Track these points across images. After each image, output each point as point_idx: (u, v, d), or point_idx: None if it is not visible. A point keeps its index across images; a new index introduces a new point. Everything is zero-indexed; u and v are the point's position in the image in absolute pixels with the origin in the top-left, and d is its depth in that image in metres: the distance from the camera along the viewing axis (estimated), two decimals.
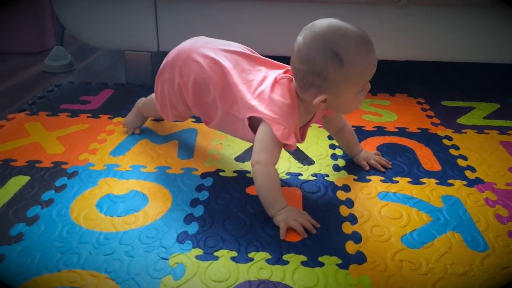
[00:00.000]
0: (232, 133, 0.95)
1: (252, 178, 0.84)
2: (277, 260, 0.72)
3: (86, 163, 1.00)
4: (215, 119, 0.93)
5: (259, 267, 0.71)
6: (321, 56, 0.76)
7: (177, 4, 1.39)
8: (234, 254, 0.73)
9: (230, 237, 0.77)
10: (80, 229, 0.79)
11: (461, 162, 1.03)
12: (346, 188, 0.93)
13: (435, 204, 0.87)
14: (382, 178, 0.96)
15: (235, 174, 0.97)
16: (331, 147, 1.09)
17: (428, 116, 1.29)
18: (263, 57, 0.93)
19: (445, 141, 1.13)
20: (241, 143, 1.10)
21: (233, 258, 0.72)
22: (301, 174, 0.97)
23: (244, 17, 1.39)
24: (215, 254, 0.73)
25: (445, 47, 1.40)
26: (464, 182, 0.95)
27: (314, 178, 0.96)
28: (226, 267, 0.70)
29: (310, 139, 1.12)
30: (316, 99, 0.79)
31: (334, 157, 1.05)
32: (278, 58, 0.93)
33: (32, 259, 0.71)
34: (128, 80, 1.54)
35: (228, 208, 0.85)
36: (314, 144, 1.10)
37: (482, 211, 0.85)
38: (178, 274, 0.69)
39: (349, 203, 0.87)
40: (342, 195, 0.90)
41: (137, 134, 1.14)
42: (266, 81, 0.86)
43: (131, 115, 1.16)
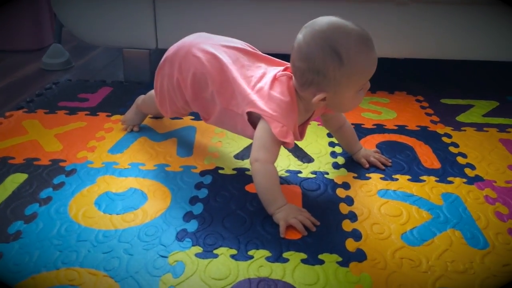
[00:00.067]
0: (231, 129, 0.94)
1: (252, 176, 0.84)
2: (277, 258, 0.72)
3: (85, 161, 1.00)
4: (214, 115, 0.93)
5: (259, 265, 0.70)
6: (321, 54, 0.76)
7: (176, 1, 1.38)
8: (234, 252, 0.73)
9: (230, 235, 0.77)
10: (79, 227, 0.78)
11: (461, 160, 1.03)
12: (346, 186, 0.92)
13: (435, 202, 0.87)
14: (382, 176, 0.96)
15: (235, 172, 0.97)
16: (331, 145, 1.09)
17: (427, 114, 1.29)
18: (263, 54, 0.92)
19: (445, 139, 1.13)
20: (240, 141, 1.09)
21: (233, 256, 0.72)
22: (301, 172, 0.97)
23: (243, 14, 1.38)
24: (215, 252, 0.73)
25: (444, 45, 1.39)
26: (464, 180, 0.95)
27: (314, 176, 0.96)
28: (226, 265, 0.70)
29: (310, 137, 1.11)
30: (315, 98, 0.79)
31: (334, 155, 1.04)
32: (278, 56, 0.93)
33: (30, 257, 0.71)
34: (127, 78, 1.53)
35: (228, 206, 0.85)
36: (314, 142, 1.10)
37: (482, 209, 0.85)
38: (178, 272, 0.68)
39: (349, 201, 0.87)
40: (342, 193, 0.90)
41: (136, 132, 1.14)
42: (265, 78, 0.85)
43: (130, 112, 1.16)
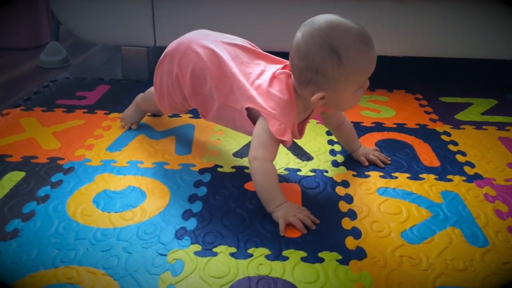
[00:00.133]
0: (230, 126, 0.94)
1: (250, 174, 0.83)
2: (277, 256, 0.71)
3: (83, 159, 0.99)
4: (212, 111, 0.92)
5: (259, 263, 0.70)
6: (320, 53, 0.75)
7: None
8: (233, 250, 0.73)
9: (229, 233, 0.76)
10: (77, 225, 0.78)
11: (460, 158, 1.03)
12: (345, 184, 0.92)
13: (435, 200, 0.87)
14: (381, 174, 0.96)
15: (234, 170, 0.96)
16: (330, 143, 1.09)
17: (426, 112, 1.29)
18: (263, 52, 0.92)
19: (444, 137, 1.13)
20: (239, 139, 1.09)
21: (232, 254, 0.72)
22: (300, 170, 0.97)
23: (242, 12, 1.38)
24: (214, 250, 0.72)
25: (443, 43, 1.39)
26: (463, 178, 0.94)
27: (313, 174, 0.95)
28: (225, 263, 0.70)
29: (309, 135, 1.11)
30: (314, 96, 0.79)
31: (333, 153, 1.04)
32: (277, 54, 0.92)
33: (28, 255, 0.70)
34: (125, 76, 1.53)
35: (227, 204, 0.85)
36: (313, 140, 1.10)
37: (482, 207, 0.85)
38: (177, 270, 0.68)
39: (348, 199, 0.87)
40: (341, 191, 0.90)
41: (134, 130, 1.13)
42: (264, 75, 0.85)
43: (130, 110, 1.15)
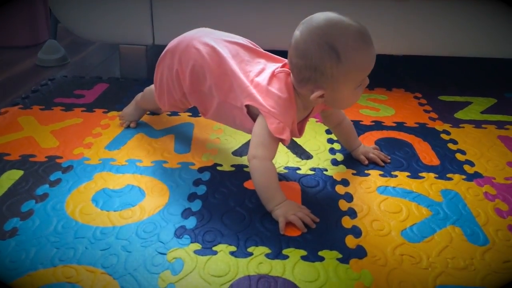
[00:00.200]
0: (230, 123, 0.94)
1: (250, 173, 0.83)
2: (277, 255, 0.71)
3: (81, 157, 0.99)
4: (212, 109, 0.92)
5: (259, 262, 0.70)
6: (318, 51, 0.75)
7: None
8: (233, 249, 0.72)
9: (229, 232, 0.76)
10: (76, 224, 0.77)
11: (460, 157, 1.03)
12: (345, 183, 0.92)
13: (435, 198, 0.87)
14: (381, 173, 0.95)
15: (233, 169, 0.96)
16: (329, 142, 1.08)
17: (426, 111, 1.29)
18: (264, 51, 0.91)
19: (443, 136, 1.13)
20: (239, 137, 1.08)
21: (232, 253, 0.71)
22: (300, 169, 0.97)
23: (241, 10, 1.37)
24: (214, 249, 0.72)
25: (442, 42, 1.39)
26: (463, 176, 0.94)
27: (313, 173, 0.95)
28: (225, 262, 0.69)
29: (308, 134, 1.11)
30: (313, 95, 0.78)
31: (332, 152, 1.04)
32: (276, 53, 0.92)
33: (27, 254, 0.70)
34: (123, 74, 1.52)
35: (226, 203, 0.84)
36: (312, 139, 1.10)
37: (482, 205, 0.85)
38: (177, 269, 0.68)
39: (348, 197, 0.87)
40: (341, 189, 0.89)
41: (133, 128, 1.13)
42: (264, 74, 0.85)
43: (129, 108, 1.15)
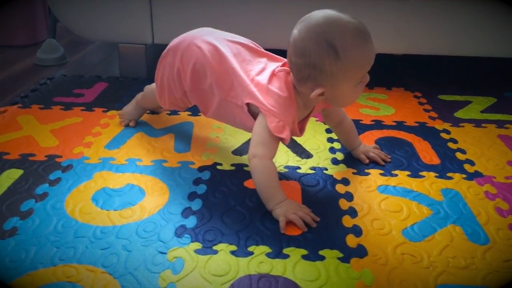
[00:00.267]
0: (231, 122, 0.94)
1: (250, 172, 0.83)
2: (277, 254, 0.71)
3: (81, 157, 0.98)
4: (212, 108, 0.92)
5: (259, 261, 0.69)
6: (317, 49, 0.75)
7: None
8: (234, 248, 0.72)
9: (229, 231, 0.76)
10: (76, 223, 0.77)
11: (460, 156, 1.03)
12: (345, 182, 0.92)
13: (435, 198, 0.87)
14: (381, 172, 0.95)
15: (233, 168, 0.96)
16: (329, 141, 1.08)
17: (426, 110, 1.28)
18: (266, 51, 0.91)
19: (443, 135, 1.13)
20: (239, 136, 1.08)
21: (233, 252, 0.71)
22: (300, 168, 0.96)
23: (241, 9, 1.37)
24: (214, 248, 0.72)
25: (442, 41, 1.39)
26: (464, 176, 0.94)
27: (313, 172, 0.95)
28: (226, 261, 0.69)
29: (308, 133, 1.10)
30: (313, 93, 0.78)
31: (333, 151, 1.04)
32: (276, 52, 0.92)
33: (27, 254, 0.69)
34: (122, 73, 1.52)
35: (227, 202, 0.84)
36: (312, 138, 1.09)
37: (482, 204, 0.85)
38: (177, 269, 0.67)
39: (349, 197, 0.87)
40: (342, 189, 0.89)
41: (132, 127, 1.12)
42: (265, 73, 0.85)
43: (129, 107, 1.15)
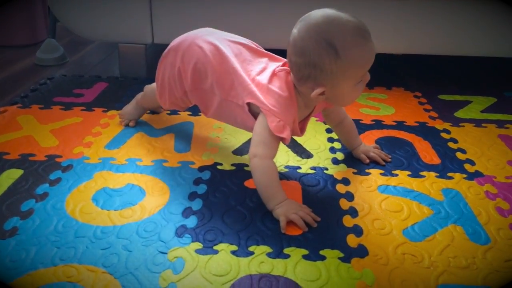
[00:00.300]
0: (232, 122, 0.93)
1: (250, 172, 0.83)
2: (278, 254, 0.71)
3: (81, 156, 0.98)
4: (213, 107, 0.92)
5: (260, 261, 0.69)
6: (316, 48, 0.75)
7: None
8: (234, 248, 0.72)
9: (230, 231, 0.76)
10: (76, 223, 0.77)
11: (460, 155, 1.02)
12: (346, 181, 0.92)
13: (436, 197, 0.87)
14: (382, 171, 0.95)
15: (233, 168, 0.96)
16: (329, 140, 1.08)
17: (426, 110, 1.28)
18: (267, 51, 0.91)
19: (444, 135, 1.13)
20: (239, 136, 1.08)
21: (233, 252, 0.71)
22: (300, 168, 0.96)
23: (240, 9, 1.37)
24: (215, 248, 0.72)
25: (442, 41, 1.39)
26: (464, 175, 0.94)
27: (313, 172, 0.95)
28: (227, 261, 0.69)
29: (308, 133, 1.10)
30: (314, 92, 0.78)
31: (333, 150, 1.04)
32: (276, 52, 0.92)
33: (27, 254, 0.69)
34: (122, 73, 1.52)
35: (227, 202, 0.84)
36: (312, 138, 1.09)
37: (483, 204, 0.85)
38: (178, 269, 0.67)
39: (349, 196, 0.86)
40: (342, 188, 0.89)
41: (132, 127, 1.12)
42: (265, 72, 0.85)
43: (129, 107, 1.15)
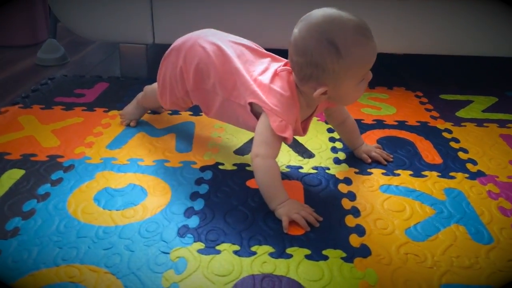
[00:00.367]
0: (234, 122, 0.93)
1: (252, 171, 0.83)
2: (281, 254, 0.71)
3: (82, 157, 0.98)
4: (215, 107, 0.92)
5: (263, 261, 0.69)
6: (318, 47, 0.74)
7: None
8: (237, 248, 0.72)
9: (232, 231, 0.76)
10: (78, 223, 0.77)
11: (462, 155, 1.02)
12: (348, 181, 0.91)
13: (438, 197, 0.87)
14: (384, 171, 0.95)
15: (235, 167, 0.96)
16: (331, 140, 1.08)
17: (427, 110, 1.28)
18: (268, 52, 0.91)
19: (445, 134, 1.13)
20: (241, 136, 1.08)
21: (236, 252, 0.71)
22: (302, 167, 0.96)
23: (241, 9, 1.37)
24: (217, 248, 0.72)
25: (443, 41, 1.39)
26: (466, 175, 0.94)
27: (315, 171, 0.95)
28: (229, 261, 0.69)
29: (310, 132, 1.10)
30: (316, 92, 0.78)
31: (334, 150, 1.04)
32: (277, 51, 0.92)
33: (29, 254, 0.69)
34: (123, 73, 1.51)
35: (229, 202, 0.84)
36: (314, 137, 1.09)
37: (485, 204, 0.85)
38: (180, 269, 0.67)
39: (351, 196, 0.86)
40: (344, 188, 0.89)
41: (133, 127, 1.12)
42: (267, 73, 0.85)
43: (130, 106, 1.15)
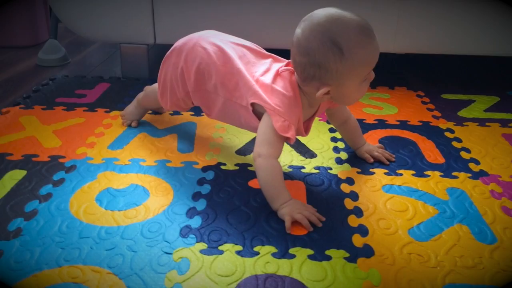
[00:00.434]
0: (236, 123, 0.93)
1: (254, 171, 0.82)
2: (284, 254, 0.71)
3: (84, 157, 0.98)
4: (217, 108, 0.92)
5: (265, 261, 0.69)
6: (321, 48, 0.74)
7: None
8: (239, 248, 0.72)
9: (235, 231, 0.76)
10: (80, 224, 0.76)
11: (465, 155, 1.02)
12: (350, 181, 0.91)
13: (441, 197, 0.86)
14: (386, 171, 0.95)
15: (237, 168, 0.95)
16: (333, 140, 1.08)
17: (429, 109, 1.28)
18: (270, 53, 0.91)
19: (447, 134, 1.13)
20: (242, 136, 1.08)
21: (239, 252, 0.71)
22: (304, 167, 0.96)
23: (242, 9, 1.37)
24: (220, 248, 0.72)
25: (444, 40, 1.39)
26: (469, 175, 0.94)
27: (317, 171, 0.95)
28: (232, 261, 0.69)
29: (312, 132, 1.09)
30: (319, 92, 0.78)
31: (336, 150, 1.03)
32: (278, 51, 0.92)
33: (32, 255, 0.69)
34: (124, 74, 1.51)
35: (231, 202, 0.84)
36: (316, 137, 1.09)
37: (488, 204, 0.84)
38: (183, 269, 0.67)
39: (354, 196, 0.86)
40: (346, 188, 0.89)
41: (135, 128, 1.12)
42: (269, 73, 0.85)
43: (130, 107, 1.15)
